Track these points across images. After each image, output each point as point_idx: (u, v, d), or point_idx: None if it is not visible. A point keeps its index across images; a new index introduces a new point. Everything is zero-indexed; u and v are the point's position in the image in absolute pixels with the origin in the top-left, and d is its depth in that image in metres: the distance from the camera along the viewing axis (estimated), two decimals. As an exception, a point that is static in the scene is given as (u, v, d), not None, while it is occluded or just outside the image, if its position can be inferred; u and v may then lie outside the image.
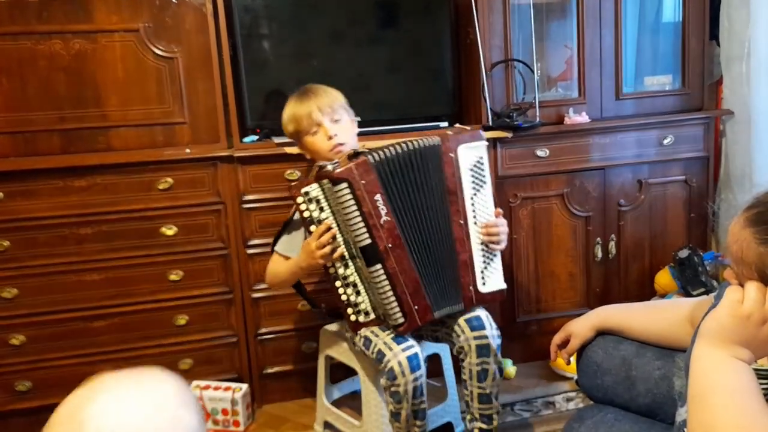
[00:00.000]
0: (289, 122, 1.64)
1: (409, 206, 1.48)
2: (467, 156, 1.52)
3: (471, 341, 1.51)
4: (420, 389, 1.48)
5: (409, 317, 1.47)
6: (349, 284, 1.52)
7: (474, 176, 1.54)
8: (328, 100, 1.60)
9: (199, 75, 1.94)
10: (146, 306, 1.96)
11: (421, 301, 1.48)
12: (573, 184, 2.19)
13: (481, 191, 1.54)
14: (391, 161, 1.46)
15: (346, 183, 1.41)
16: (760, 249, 0.83)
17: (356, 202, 1.42)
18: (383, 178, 1.45)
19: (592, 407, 1.28)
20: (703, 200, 2.30)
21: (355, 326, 1.54)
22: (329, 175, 1.43)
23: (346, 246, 1.49)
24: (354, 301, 1.53)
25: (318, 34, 2.06)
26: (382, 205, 1.44)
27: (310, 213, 1.49)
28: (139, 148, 1.93)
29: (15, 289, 1.87)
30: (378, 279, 1.46)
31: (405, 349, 1.46)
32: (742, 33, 2.24)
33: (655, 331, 1.24)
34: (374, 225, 1.43)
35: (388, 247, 1.44)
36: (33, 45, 1.83)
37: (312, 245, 1.48)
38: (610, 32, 2.19)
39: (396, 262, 1.45)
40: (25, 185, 1.84)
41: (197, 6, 1.91)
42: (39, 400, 1.93)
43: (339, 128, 1.60)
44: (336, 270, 1.52)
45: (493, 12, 2.09)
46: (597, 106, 2.22)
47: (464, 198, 1.52)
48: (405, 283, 1.46)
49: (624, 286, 2.30)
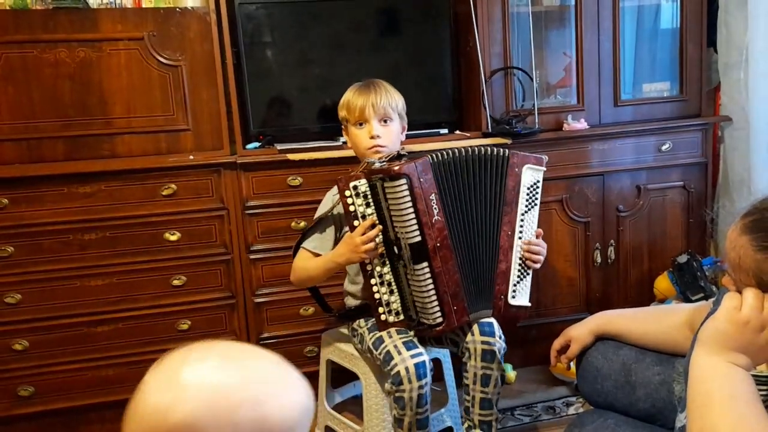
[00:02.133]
0: (342, 107, 1.65)
1: (460, 209, 1.51)
2: (529, 176, 1.59)
3: (478, 344, 1.52)
4: (425, 398, 1.47)
5: (448, 318, 1.49)
6: (385, 282, 1.53)
7: (529, 196, 1.59)
8: (385, 100, 1.61)
9: (202, 82, 1.95)
10: (149, 311, 1.96)
11: (459, 303, 1.51)
12: (572, 189, 2.21)
13: (531, 211, 1.60)
14: (450, 163, 1.50)
15: (405, 179, 1.43)
16: (758, 256, 0.84)
17: (412, 199, 1.44)
18: (439, 178, 1.48)
19: (592, 412, 1.29)
20: (701, 206, 2.32)
21: (383, 325, 1.55)
22: (386, 171, 1.44)
23: (387, 244, 1.50)
24: (387, 300, 1.54)
25: (320, 42, 2.08)
26: (435, 205, 1.46)
27: (356, 207, 1.49)
28: (143, 155, 1.94)
29: (19, 294, 1.88)
30: (423, 277, 1.47)
31: (414, 356, 1.46)
32: (739, 40, 2.26)
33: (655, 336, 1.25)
34: (426, 223, 1.45)
35: (437, 246, 1.46)
36: (39, 53, 1.85)
37: (357, 239, 1.47)
38: (609, 39, 2.21)
39: (441, 262, 1.47)
40: (29, 192, 1.85)
41: (201, 15, 1.93)
42: (42, 406, 1.94)
43: (385, 131, 1.61)
44: (373, 267, 1.53)
45: (492, 20, 2.11)
46: (595, 113, 2.24)
47: (517, 212, 1.57)
48: (447, 284, 1.48)
49: (623, 292, 2.32)
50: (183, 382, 0.58)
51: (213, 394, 0.57)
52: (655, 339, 1.25)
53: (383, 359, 1.50)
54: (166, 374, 0.60)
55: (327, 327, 1.92)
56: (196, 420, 0.56)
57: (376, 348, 1.53)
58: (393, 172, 1.43)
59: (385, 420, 1.64)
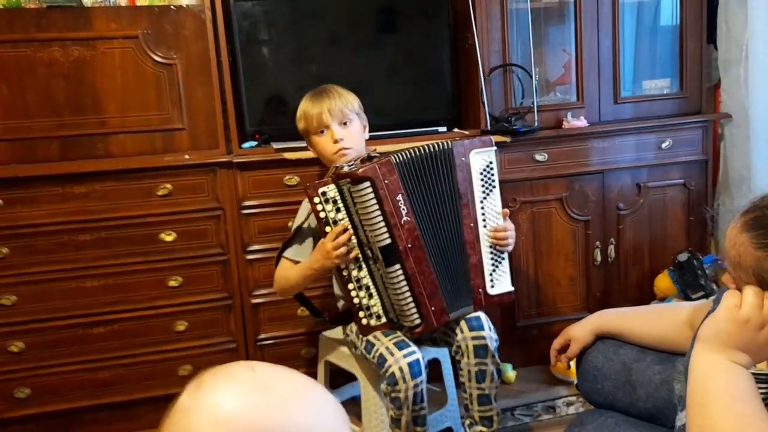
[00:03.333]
0: (300, 119, 1.66)
1: (426, 208, 1.50)
2: (478, 161, 1.55)
3: (468, 341, 1.52)
4: (420, 395, 1.47)
5: (426, 319, 1.48)
6: (362, 287, 1.52)
7: (484, 181, 1.56)
8: (340, 103, 1.61)
9: (198, 81, 1.94)
10: (145, 312, 1.95)
11: (438, 303, 1.49)
12: (572, 188, 2.19)
13: (490, 195, 1.57)
14: (412, 163, 1.48)
15: (368, 182, 1.42)
16: (758, 253, 0.83)
17: (378, 201, 1.43)
18: (404, 178, 1.47)
19: (592, 412, 1.28)
20: (702, 203, 2.30)
21: (365, 330, 1.54)
22: (351, 175, 1.43)
23: (361, 247, 1.49)
24: (366, 304, 1.53)
25: (317, 40, 2.07)
26: (403, 206, 1.45)
27: (326, 214, 1.49)
28: (138, 155, 1.93)
29: (14, 296, 1.87)
30: (396, 279, 1.46)
31: (407, 355, 1.46)
32: (739, 36, 2.25)
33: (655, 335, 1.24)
34: (395, 225, 1.44)
35: (408, 247, 1.45)
36: (32, 52, 1.83)
37: (328, 245, 1.47)
38: (608, 36, 2.20)
39: (415, 263, 1.46)
40: (24, 192, 1.84)
41: (196, 13, 1.91)
42: (38, 408, 1.92)
43: (346, 133, 1.61)
44: (350, 272, 1.52)
45: (491, 17, 2.10)
46: (595, 110, 2.23)
47: (474, 202, 1.55)
48: (423, 285, 1.47)
49: (624, 290, 2.30)
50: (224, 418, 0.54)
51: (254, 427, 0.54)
52: (656, 338, 1.24)
53: (377, 362, 1.50)
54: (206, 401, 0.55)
55: (324, 328, 1.91)
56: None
57: (369, 352, 1.53)
58: (356, 175, 1.42)
59: (383, 421, 1.63)
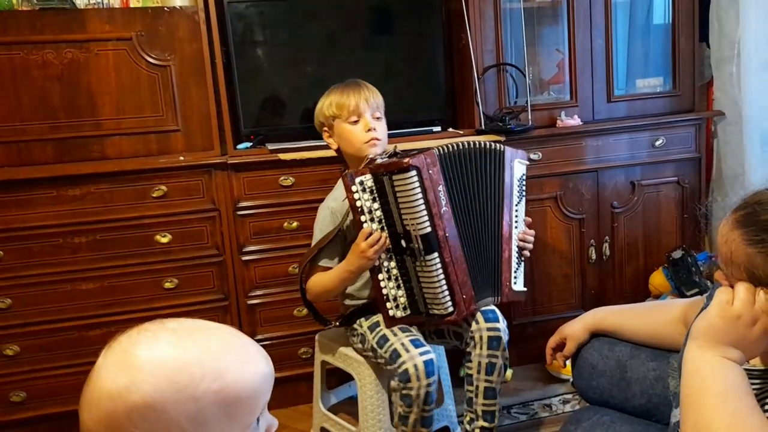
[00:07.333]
0: (330, 107, 1.63)
1: (464, 200, 1.55)
2: (518, 169, 1.65)
3: (484, 332, 1.54)
4: (431, 396, 1.48)
5: (458, 307, 1.51)
6: (392, 277, 1.54)
7: (519, 188, 1.65)
8: (375, 97, 1.64)
9: (192, 83, 1.94)
10: (142, 314, 1.94)
11: (468, 292, 1.53)
12: (566, 186, 2.20)
13: (521, 202, 1.67)
14: (455, 156, 1.54)
15: (415, 170, 1.45)
16: (749, 250, 0.83)
17: (422, 190, 1.46)
18: (446, 171, 1.52)
19: (588, 409, 1.28)
20: (695, 201, 2.32)
21: (390, 321, 1.56)
22: (397, 164, 1.46)
23: (393, 238, 1.51)
24: (394, 295, 1.55)
25: (311, 41, 2.07)
26: (443, 196, 1.50)
27: (362, 203, 1.51)
28: (133, 157, 1.93)
29: (9, 299, 1.86)
30: (433, 268, 1.48)
31: (422, 353, 1.47)
32: (731, 34, 2.26)
33: (649, 332, 1.25)
34: (436, 214, 1.48)
35: (446, 236, 1.49)
36: (25, 55, 1.83)
37: (362, 245, 1.49)
38: (601, 35, 2.21)
39: (451, 252, 1.50)
40: (18, 195, 1.83)
41: (190, 14, 1.91)
42: (34, 411, 1.92)
43: (378, 124, 1.63)
44: (380, 263, 1.53)
45: (484, 17, 2.10)
46: (589, 109, 2.23)
47: (512, 204, 1.62)
48: (457, 273, 1.51)
49: (618, 288, 2.31)
50: (138, 363, 0.56)
51: (171, 371, 0.56)
52: (650, 335, 1.25)
53: (389, 357, 1.50)
54: (119, 356, 0.58)
55: (321, 328, 1.91)
56: (156, 400, 0.55)
57: (381, 346, 1.53)
58: (403, 164, 1.45)
59: (380, 420, 1.64)
